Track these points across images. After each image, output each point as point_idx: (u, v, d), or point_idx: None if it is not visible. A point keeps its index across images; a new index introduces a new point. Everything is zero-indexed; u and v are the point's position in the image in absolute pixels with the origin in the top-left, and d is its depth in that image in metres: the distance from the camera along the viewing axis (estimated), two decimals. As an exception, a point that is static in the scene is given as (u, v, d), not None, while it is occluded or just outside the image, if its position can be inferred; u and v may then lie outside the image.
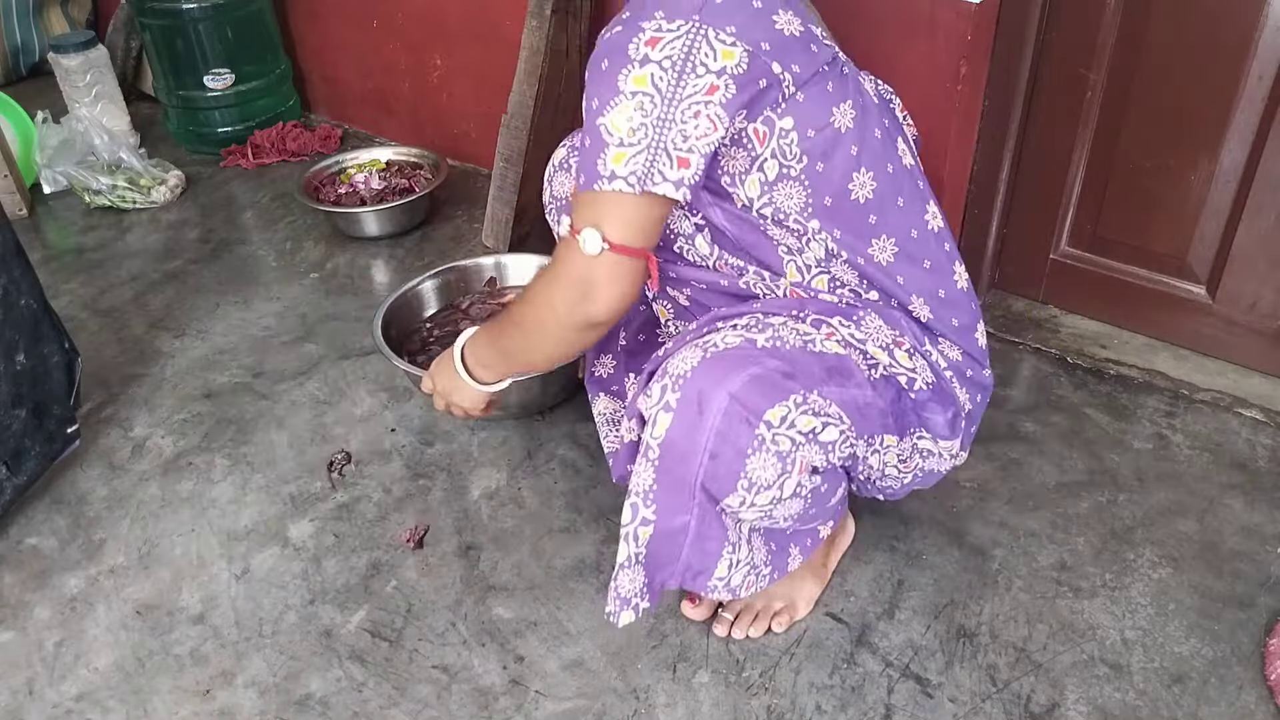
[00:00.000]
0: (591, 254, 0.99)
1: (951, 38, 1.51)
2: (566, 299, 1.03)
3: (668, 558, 1.07)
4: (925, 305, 1.11)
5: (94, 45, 2.35)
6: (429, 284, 1.72)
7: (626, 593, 1.08)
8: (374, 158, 2.25)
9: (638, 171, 0.97)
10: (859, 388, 1.05)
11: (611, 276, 1.01)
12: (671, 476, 1.01)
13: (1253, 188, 1.47)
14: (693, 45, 0.95)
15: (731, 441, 0.97)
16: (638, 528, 1.05)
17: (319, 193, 2.16)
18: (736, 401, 0.96)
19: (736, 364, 0.99)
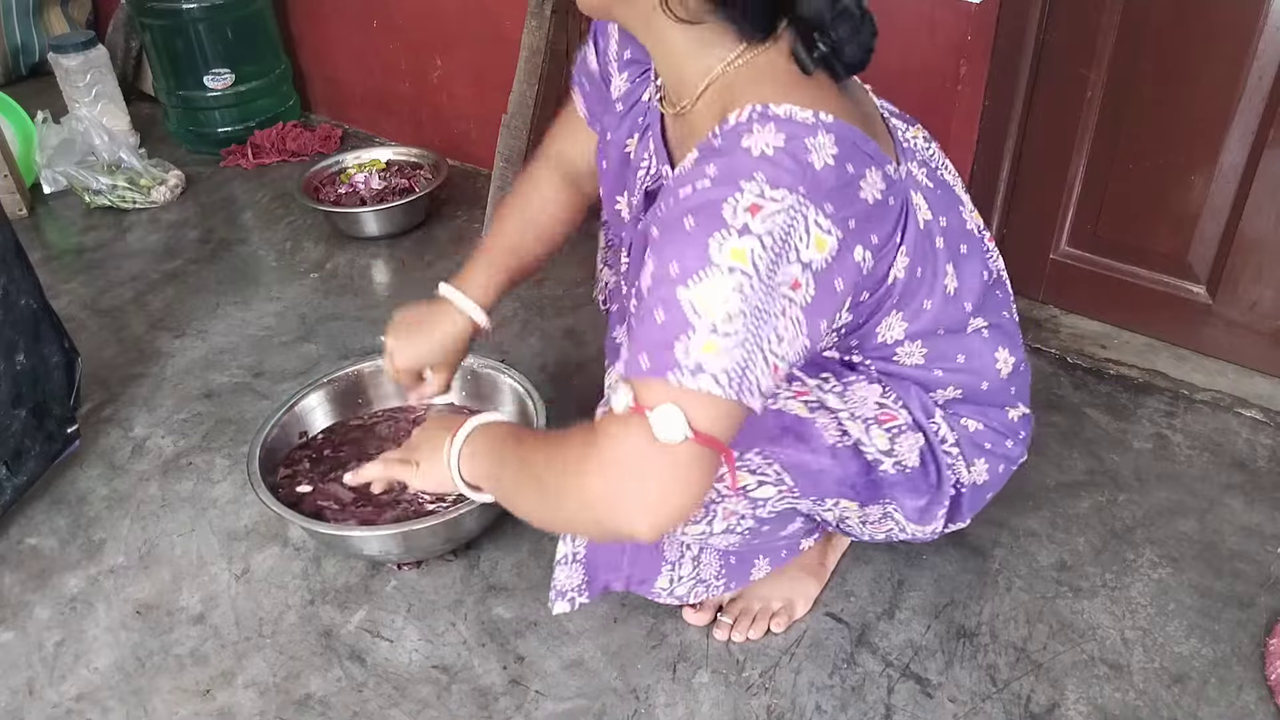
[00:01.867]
0: (669, 441, 0.77)
1: (951, 38, 1.52)
2: (609, 491, 0.80)
3: (608, 564, 1.09)
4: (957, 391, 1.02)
5: (94, 45, 2.35)
6: (315, 395, 1.45)
7: (563, 586, 1.10)
8: (374, 158, 2.25)
9: (732, 371, 0.77)
10: (814, 454, 0.96)
11: (685, 476, 0.79)
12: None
13: (1253, 188, 1.47)
14: (793, 224, 0.78)
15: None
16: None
17: (319, 192, 2.16)
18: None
19: None
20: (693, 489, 0.80)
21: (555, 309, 1.85)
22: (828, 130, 0.81)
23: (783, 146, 0.79)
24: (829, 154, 0.80)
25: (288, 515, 1.24)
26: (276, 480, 1.36)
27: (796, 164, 0.79)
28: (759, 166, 0.78)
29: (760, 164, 0.79)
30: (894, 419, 0.99)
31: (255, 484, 1.27)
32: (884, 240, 0.87)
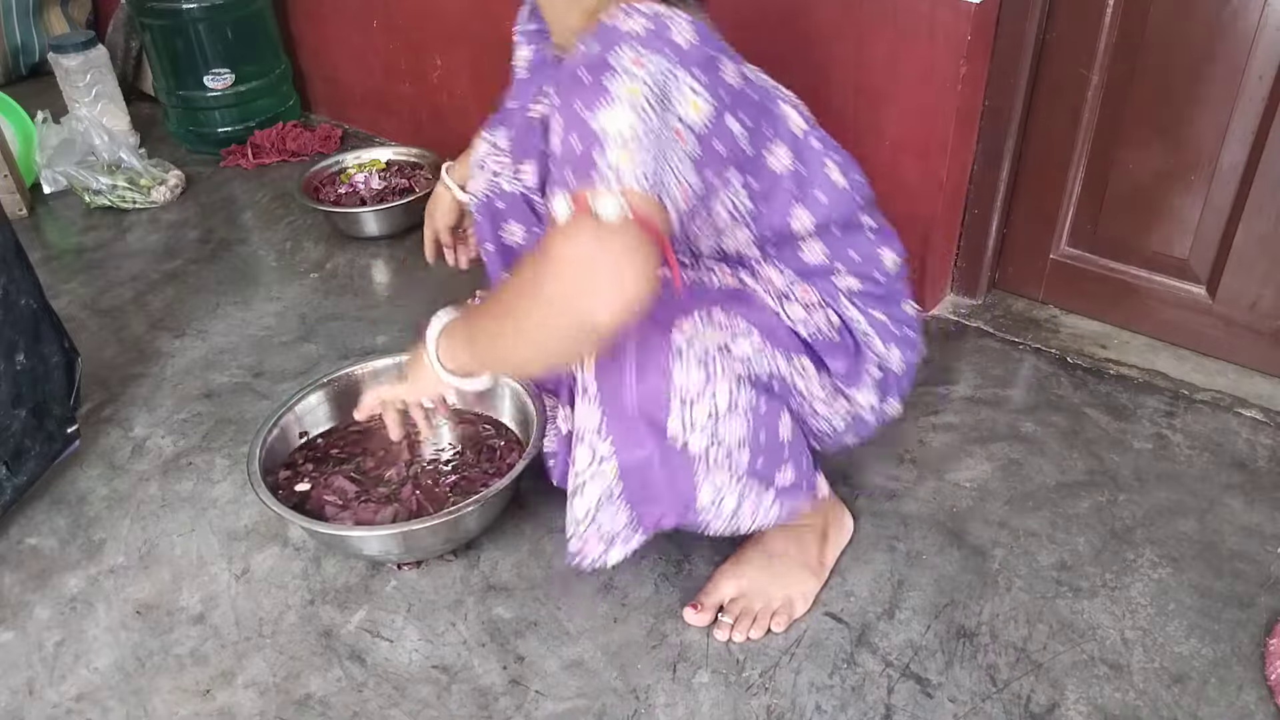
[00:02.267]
0: (610, 217, 0.85)
1: (951, 38, 1.51)
2: (565, 288, 0.86)
3: (648, 492, 1.05)
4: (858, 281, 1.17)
5: (94, 45, 2.35)
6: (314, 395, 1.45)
7: (609, 530, 1.08)
8: (374, 158, 2.25)
9: (648, 173, 0.88)
10: (761, 310, 1.08)
11: (630, 259, 0.84)
12: (614, 409, 1.02)
13: (1253, 188, 1.47)
14: (669, 80, 0.91)
15: (653, 359, 1.00)
16: (599, 466, 1.04)
17: (319, 192, 2.16)
18: (648, 320, 0.95)
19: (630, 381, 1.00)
20: (639, 271, 0.85)
21: (555, 309, 1.85)
22: (687, 21, 0.95)
23: (650, 26, 0.93)
24: (689, 35, 0.94)
25: (288, 515, 1.24)
26: (278, 479, 1.36)
27: (661, 39, 0.93)
28: (631, 37, 0.92)
29: (631, 36, 0.93)
30: (807, 294, 1.13)
31: (255, 484, 1.27)
32: (754, 123, 1.02)
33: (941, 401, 1.58)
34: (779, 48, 1.72)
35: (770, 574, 1.23)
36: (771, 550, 1.25)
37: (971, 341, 1.72)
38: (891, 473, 1.44)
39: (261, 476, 1.29)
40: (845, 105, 1.68)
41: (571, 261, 0.86)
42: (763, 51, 1.73)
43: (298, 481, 1.35)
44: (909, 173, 1.66)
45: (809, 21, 1.66)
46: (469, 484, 1.35)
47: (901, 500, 1.39)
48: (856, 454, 1.47)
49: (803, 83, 1.71)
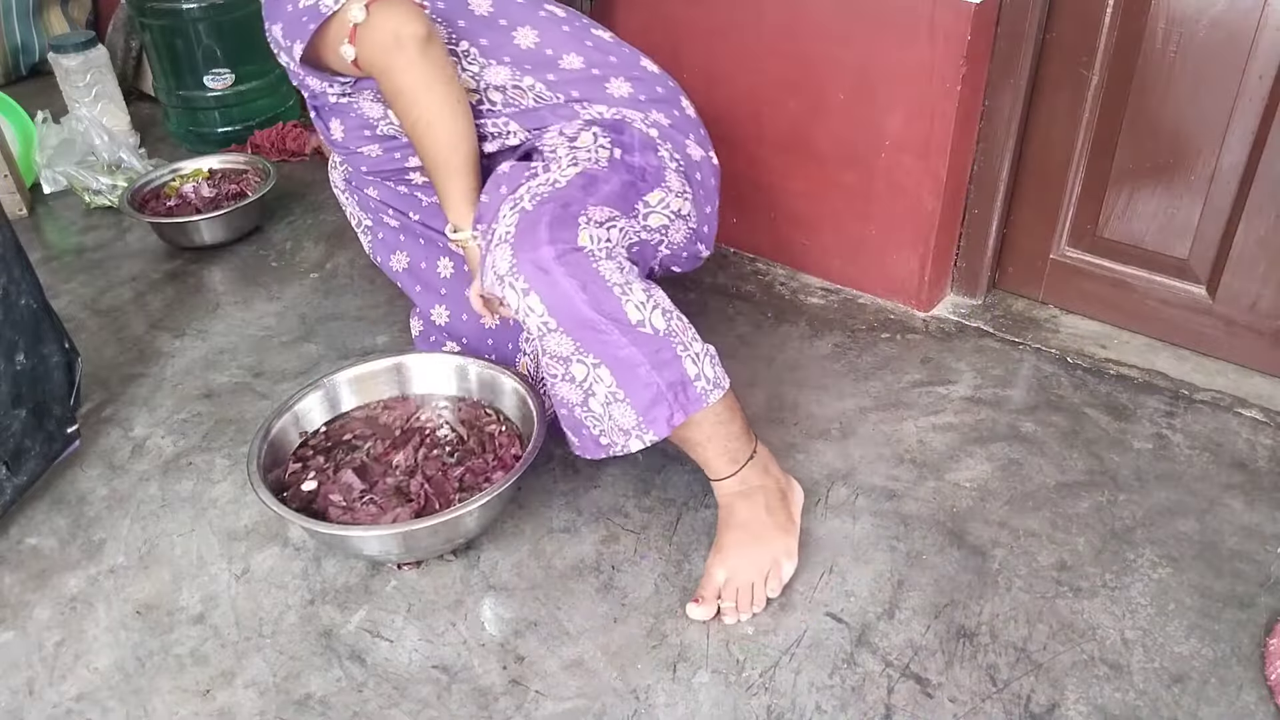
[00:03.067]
0: (362, 19, 1.17)
1: (951, 38, 1.52)
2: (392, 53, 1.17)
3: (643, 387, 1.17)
4: (625, 82, 1.38)
5: (94, 45, 2.35)
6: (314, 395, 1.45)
7: (625, 424, 1.19)
8: (197, 167, 2.21)
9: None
10: (606, 182, 1.25)
11: (388, 10, 1.17)
12: (579, 327, 1.14)
13: (1253, 188, 1.47)
14: None
15: (582, 270, 1.14)
16: (594, 372, 1.17)
17: (145, 207, 2.11)
18: (556, 244, 1.14)
19: (531, 226, 1.16)
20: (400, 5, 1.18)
21: (555, 309, 1.85)
22: None
23: None
24: None
25: (288, 515, 1.24)
26: (284, 475, 1.37)
27: None
28: None
29: None
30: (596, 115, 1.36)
31: (255, 484, 1.27)
32: None
33: (941, 401, 1.58)
34: (779, 48, 1.72)
35: (750, 544, 1.26)
36: (741, 521, 1.27)
37: (971, 341, 1.72)
38: (891, 473, 1.44)
39: (262, 476, 1.29)
40: (845, 105, 1.68)
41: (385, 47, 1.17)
42: (762, 51, 1.73)
43: (305, 478, 1.36)
44: (909, 173, 1.66)
45: (809, 21, 1.66)
46: (474, 477, 1.35)
47: (901, 500, 1.39)
48: (856, 454, 1.47)
49: (803, 83, 1.72)
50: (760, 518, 1.27)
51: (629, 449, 1.21)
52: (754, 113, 1.81)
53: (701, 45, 1.81)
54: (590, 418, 1.22)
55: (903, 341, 1.73)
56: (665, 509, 1.39)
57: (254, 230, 2.14)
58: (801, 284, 1.90)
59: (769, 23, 1.70)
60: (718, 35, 1.77)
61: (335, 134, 1.42)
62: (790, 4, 1.67)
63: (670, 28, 1.84)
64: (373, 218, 1.57)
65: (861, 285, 1.85)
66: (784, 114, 1.76)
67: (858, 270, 1.84)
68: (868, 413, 1.56)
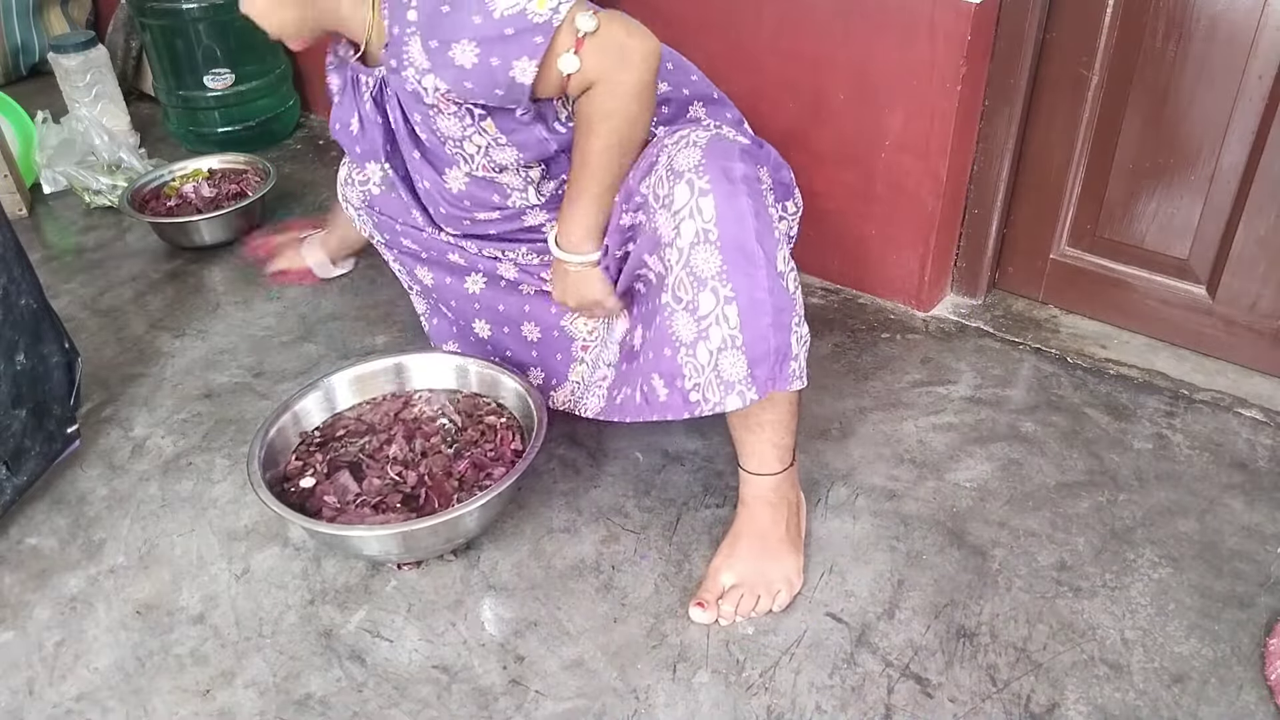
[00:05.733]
0: (593, 25, 1.11)
1: (951, 38, 1.52)
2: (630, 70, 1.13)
3: (761, 345, 1.14)
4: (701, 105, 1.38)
5: (94, 45, 2.35)
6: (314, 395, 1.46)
7: (731, 376, 1.15)
8: (197, 168, 2.21)
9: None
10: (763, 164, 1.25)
11: (622, 20, 1.13)
12: (736, 249, 1.12)
13: (1253, 188, 1.47)
14: None
15: (759, 201, 1.14)
16: (723, 308, 1.13)
17: (146, 207, 2.11)
18: (747, 166, 1.14)
19: (725, 144, 1.16)
20: (633, 21, 1.15)
21: (555, 309, 1.85)
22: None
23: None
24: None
25: (287, 515, 1.24)
26: (285, 472, 1.37)
27: None
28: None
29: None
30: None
31: (255, 484, 1.27)
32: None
33: (941, 401, 1.58)
34: (778, 47, 1.72)
35: (764, 556, 1.25)
36: (761, 530, 1.26)
37: (971, 341, 1.72)
38: (891, 473, 1.44)
39: (261, 476, 1.29)
40: (845, 105, 1.68)
41: (618, 59, 1.13)
42: (762, 52, 1.73)
43: (304, 474, 1.36)
44: (909, 173, 1.67)
45: (808, 21, 1.66)
46: (475, 471, 1.35)
47: (901, 500, 1.39)
48: (856, 454, 1.47)
49: (802, 82, 1.72)
50: (779, 532, 1.26)
51: (722, 407, 1.15)
52: (753, 112, 1.80)
53: (701, 44, 1.81)
54: (691, 365, 1.16)
55: (903, 341, 1.73)
56: (665, 509, 1.39)
57: (254, 230, 2.14)
58: (801, 284, 1.89)
59: (768, 22, 1.70)
60: (717, 34, 1.77)
61: (452, 184, 1.34)
62: (790, 4, 1.67)
63: (670, 27, 1.84)
64: (390, 237, 1.55)
65: (861, 285, 1.85)
66: (783, 114, 1.76)
67: (857, 270, 1.84)
68: (868, 413, 1.56)
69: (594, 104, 1.16)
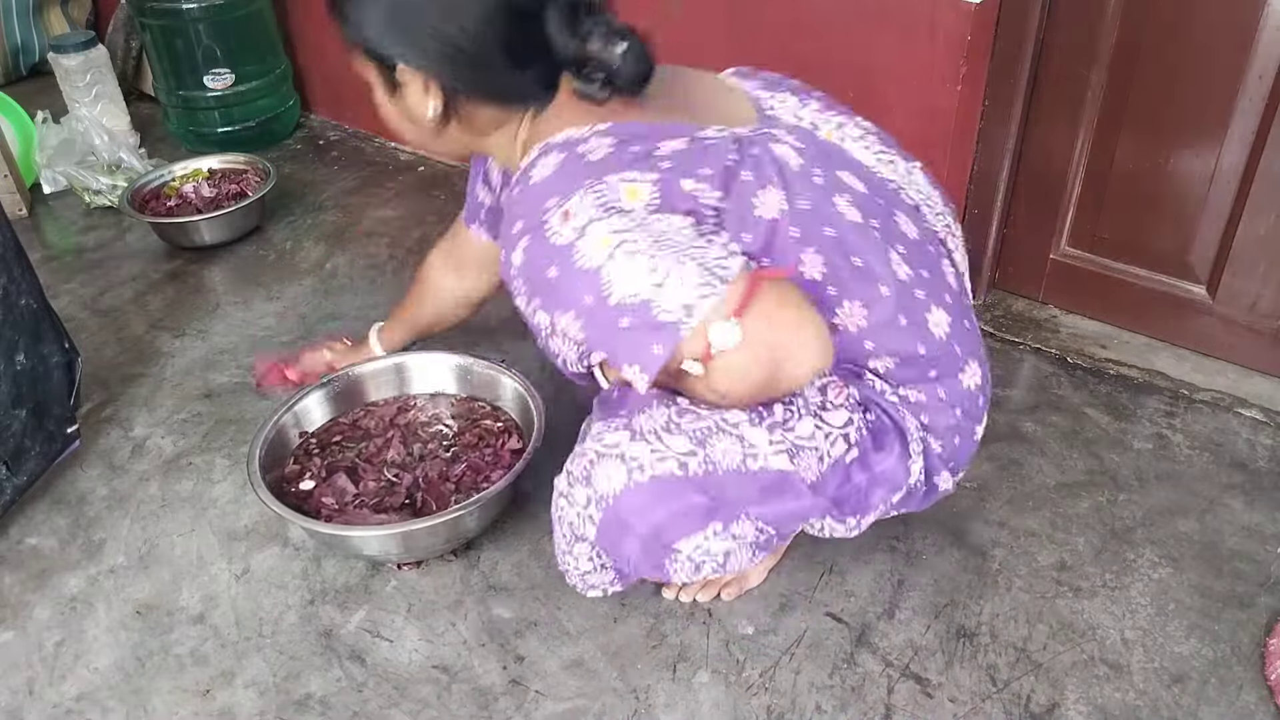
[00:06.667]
0: (733, 342, 0.87)
1: (951, 38, 1.52)
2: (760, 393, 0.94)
3: (630, 568, 1.08)
4: (893, 360, 1.05)
5: (94, 45, 2.35)
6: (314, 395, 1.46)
7: (594, 582, 1.12)
8: (197, 167, 2.21)
9: (705, 280, 0.87)
10: (797, 499, 1.01)
11: (780, 329, 0.89)
12: (611, 552, 1.06)
13: (1253, 188, 1.47)
14: (600, 198, 0.90)
15: (651, 558, 1.04)
16: (596, 560, 1.09)
17: (146, 207, 2.11)
18: (655, 533, 1.01)
19: (658, 497, 0.99)
20: (795, 323, 0.90)
21: (555, 309, 1.85)
22: (601, 134, 0.96)
23: (561, 161, 0.94)
24: (606, 148, 0.94)
25: (287, 515, 1.24)
26: (285, 473, 1.36)
27: (576, 166, 0.93)
28: (546, 189, 0.93)
29: (546, 185, 0.93)
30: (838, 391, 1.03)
31: (255, 484, 1.27)
32: (721, 162, 0.96)
33: (941, 401, 1.58)
34: (779, 48, 1.72)
35: None
36: None
37: (971, 341, 1.72)
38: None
39: (261, 476, 1.29)
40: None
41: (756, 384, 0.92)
42: (761, 53, 1.73)
43: (303, 478, 1.36)
44: (909, 173, 1.66)
45: (809, 22, 1.66)
46: (473, 474, 1.35)
47: (901, 500, 1.39)
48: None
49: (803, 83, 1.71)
50: None
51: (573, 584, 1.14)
52: (754, 113, 1.81)
53: (701, 45, 1.81)
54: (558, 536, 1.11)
55: (903, 341, 1.73)
56: (665, 509, 1.39)
57: (254, 230, 2.14)
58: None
59: (769, 22, 1.70)
60: (718, 35, 1.77)
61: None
62: (790, 4, 1.67)
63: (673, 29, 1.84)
64: None
65: (861, 285, 1.85)
66: (784, 114, 1.76)
67: (858, 270, 1.84)
68: (868, 413, 1.56)
69: (698, 389, 0.96)
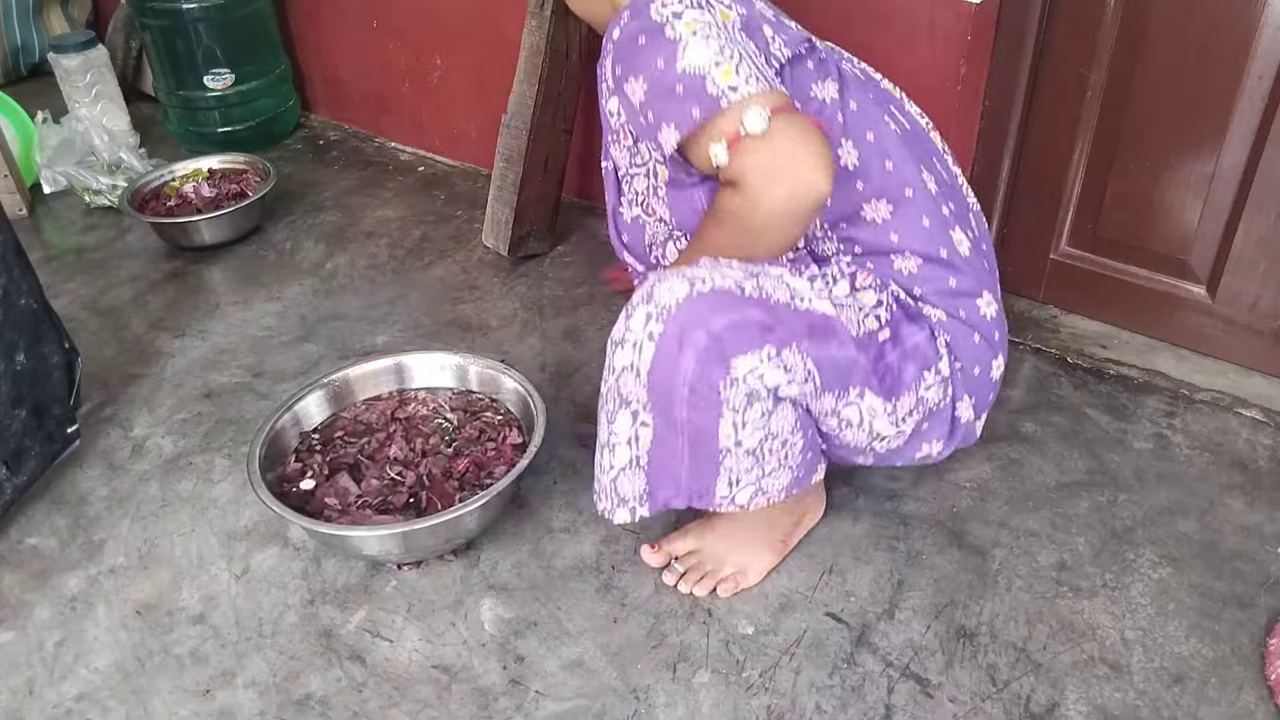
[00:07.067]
0: (760, 128, 0.97)
1: (951, 38, 1.52)
2: (781, 191, 0.99)
3: (669, 474, 1.09)
4: (917, 259, 1.15)
5: (94, 45, 2.35)
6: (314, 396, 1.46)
7: (625, 493, 1.12)
8: (197, 167, 2.21)
9: (754, 74, 0.99)
10: (842, 347, 1.07)
11: (797, 138, 0.98)
12: (661, 402, 1.05)
13: (1253, 188, 1.47)
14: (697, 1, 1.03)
15: (707, 380, 1.01)
16: (638, 429, 1.07)
17: (146, 207, 2.11)
18: (715, 341, 1.00)
19: (719, 306, 1.01)
20: (812, 139, 0.99)
21: (555, 309, 1.85)
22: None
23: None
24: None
25: (287, 515, 1.24)
26: (286, 473, 1.37)
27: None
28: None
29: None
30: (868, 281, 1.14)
31: (255, 484, 1.27)
32: (793, 47, 1.11)
33: (941, 401, 1.58)
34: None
35: (732, 542, 1.26)
36: (746, 521, 1.26)
37: (971, 341, 1.72)
38: (892, 473, 1.44)
39: (261, 476, 1.29)
40: (845, 105, 1.68)
41: (766, 172, 0.99)
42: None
43: (304, 477, 1.36)
44: (909, 173, 1.66)
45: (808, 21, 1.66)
46: (477, 469, 1.36)
47: (901, 500, 1.39)
48: (856, 454, 1.47)
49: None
50: (762, 531, 1.27)
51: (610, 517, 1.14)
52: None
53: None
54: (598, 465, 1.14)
55: (903, 341, 1.73)
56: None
57: (254, 230, 2.14)
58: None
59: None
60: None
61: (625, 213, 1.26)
62: (790, 4, 1.66)
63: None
64: None
65: (861, 285, 1.85)
66: (784, 114, 1.76)
67: (858, 270, 1.84)
68: (868, 413, 1.56)
69: (729, 204, 1.04)
